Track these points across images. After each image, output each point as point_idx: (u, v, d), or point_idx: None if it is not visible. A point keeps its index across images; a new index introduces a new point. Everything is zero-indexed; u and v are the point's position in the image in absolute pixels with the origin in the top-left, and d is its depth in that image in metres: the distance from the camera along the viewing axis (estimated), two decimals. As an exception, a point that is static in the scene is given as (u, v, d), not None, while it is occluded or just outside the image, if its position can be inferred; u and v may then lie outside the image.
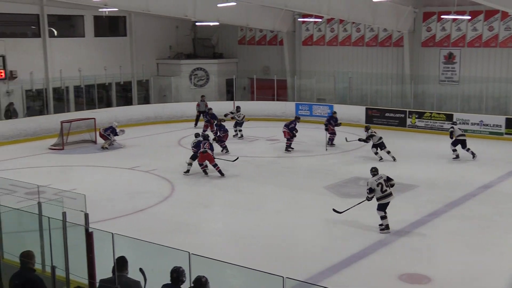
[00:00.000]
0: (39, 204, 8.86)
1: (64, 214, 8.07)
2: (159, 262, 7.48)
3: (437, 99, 25.03)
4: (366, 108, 26.02)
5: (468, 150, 18.86)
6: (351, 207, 12.87)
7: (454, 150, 18.92)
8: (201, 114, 25.58)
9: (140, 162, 19.05)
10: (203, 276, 6.62)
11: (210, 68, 30.53)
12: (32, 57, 25.25)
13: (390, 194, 12.30)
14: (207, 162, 17.08)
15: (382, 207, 12.29)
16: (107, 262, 7.23)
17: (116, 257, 7.01)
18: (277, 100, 28.30)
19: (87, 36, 27.60)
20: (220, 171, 16.95)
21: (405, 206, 14.11)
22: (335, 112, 22.21)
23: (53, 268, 7.58)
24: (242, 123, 23.06)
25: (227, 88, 30.46)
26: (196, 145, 17.30)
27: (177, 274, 6.87)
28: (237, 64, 31.63)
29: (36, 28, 25.75)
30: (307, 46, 29.39)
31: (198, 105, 26.10)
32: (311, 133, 23.08)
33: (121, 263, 7.11)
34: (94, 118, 22.81)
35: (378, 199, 12.31)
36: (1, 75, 24.01)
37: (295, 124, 20.55)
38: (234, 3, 21.95)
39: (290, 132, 20.34)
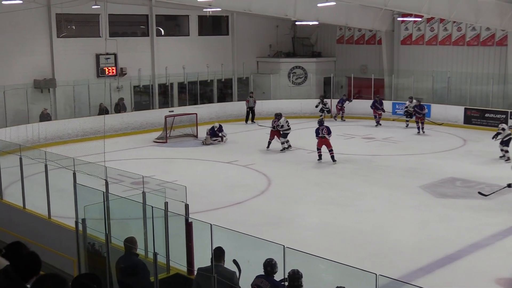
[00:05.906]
0: (144, 193, 9.25)
1: (166, 204, 8.42)
2: (254, 254, 7.71)
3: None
4: (465, 108, 25.24)
5: None
6: (498, 191, 14.21)
7: None
8: (250, 110, 26.54)
9: (239, 156, 19.57)
10: (298, 271, 6.77)
11: (308, 67, 30.68)
12: (141, 55, 26.40)
13: None
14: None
15: None
16: (205, 252, 7.46)
17: (213, 247, 7.22)
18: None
19: (192, 35, 28.55)
20: (332, 157, 18.20)
21: (504, 209, 13.74)
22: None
23: (155, 254, 7.93)
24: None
25: (325, 87, 30.51)
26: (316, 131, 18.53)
27: (270, 268, 7.11)
28: (335, 63, 31.54)
29: (145, 27, 26.94)
30: (405, 45, 28.83)
31: (247, 101, 26.93)
32: (407, 132, 22.85)
33: (218, 254, 7.33)
34: (195, 114, 23.57)
35: None
36: (113, 72, 25.26)
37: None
38: (334, 3, 21.97)
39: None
